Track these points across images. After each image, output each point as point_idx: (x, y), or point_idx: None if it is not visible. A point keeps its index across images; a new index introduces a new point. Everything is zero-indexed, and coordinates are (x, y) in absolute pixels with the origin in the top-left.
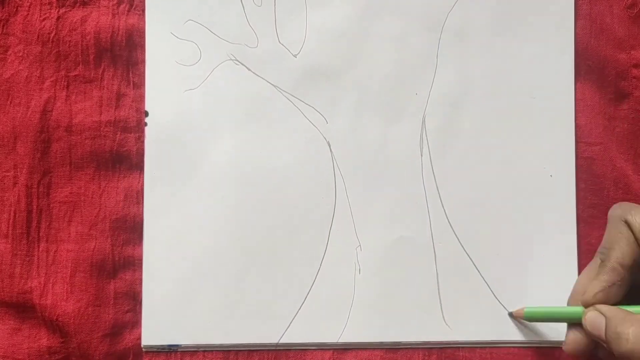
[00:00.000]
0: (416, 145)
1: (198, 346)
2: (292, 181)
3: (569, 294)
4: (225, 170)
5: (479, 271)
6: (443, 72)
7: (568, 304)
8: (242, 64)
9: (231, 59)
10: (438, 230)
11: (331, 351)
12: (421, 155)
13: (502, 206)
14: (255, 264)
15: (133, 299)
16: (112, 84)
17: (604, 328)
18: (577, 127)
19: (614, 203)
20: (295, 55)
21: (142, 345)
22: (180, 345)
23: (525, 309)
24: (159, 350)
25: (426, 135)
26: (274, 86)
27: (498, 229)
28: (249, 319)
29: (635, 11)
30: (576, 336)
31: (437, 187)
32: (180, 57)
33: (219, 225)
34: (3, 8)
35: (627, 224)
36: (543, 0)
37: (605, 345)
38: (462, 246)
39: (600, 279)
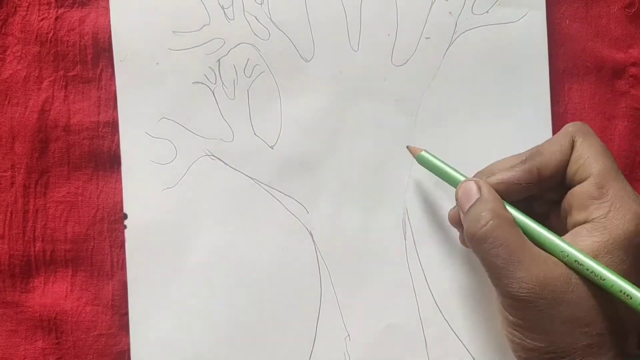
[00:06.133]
0: (399, 229)
1: None
2: (276, 274)
3: None
4: (208, 268)
5: (472, 355)
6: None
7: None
8: (219, 159)
9: (207, 155)
10: (427, 315)
11: None
12: (405, 240)
13: (491, 286)
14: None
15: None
16: (110, 85)
17: (471, 202)
18: None
19: None
20: (271, 147)
21: None
22: None
23: (422, 152)
24: None
25: (408, 219)
26: (252, 179)
27: (488, 311)
28: None
29: (632, 10)
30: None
31: (423, 271)
32: (155, 156)
33: (204, 324)
34: (1, 8)
35: (572, 142)
36: (517, 78)
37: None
38: (453, 330)
39: (511, 170)
